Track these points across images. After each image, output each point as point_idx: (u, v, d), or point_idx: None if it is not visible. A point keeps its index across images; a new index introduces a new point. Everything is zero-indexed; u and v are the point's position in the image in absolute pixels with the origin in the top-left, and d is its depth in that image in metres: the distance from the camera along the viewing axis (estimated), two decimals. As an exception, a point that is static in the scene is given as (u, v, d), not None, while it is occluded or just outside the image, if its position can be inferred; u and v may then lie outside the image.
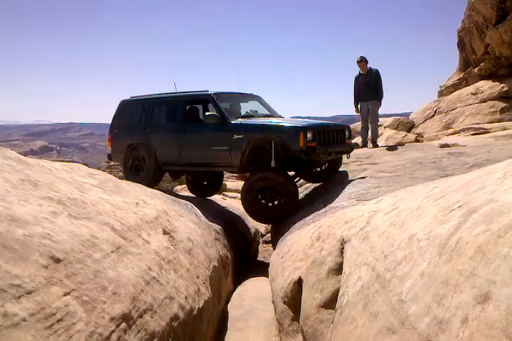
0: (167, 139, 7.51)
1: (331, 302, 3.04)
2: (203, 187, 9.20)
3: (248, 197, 6.55)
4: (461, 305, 1.30)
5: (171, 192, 10.03)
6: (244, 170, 6.77)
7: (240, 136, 6.50)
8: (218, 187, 9.60)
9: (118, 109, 8.36)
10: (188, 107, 7.55)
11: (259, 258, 8.97)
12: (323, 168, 7.55)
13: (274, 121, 6.75)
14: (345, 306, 2.49)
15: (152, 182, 7.55)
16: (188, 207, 6.25)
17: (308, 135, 6.01)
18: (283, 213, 6.33)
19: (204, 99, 7.47)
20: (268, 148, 6.38)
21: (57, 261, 1.99)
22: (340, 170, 7.62)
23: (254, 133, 6.51)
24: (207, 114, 6.77)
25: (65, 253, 2.09)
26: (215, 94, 7.17)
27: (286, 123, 6.41)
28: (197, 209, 6.53)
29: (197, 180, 9.18)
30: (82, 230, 2.48)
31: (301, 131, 6.01)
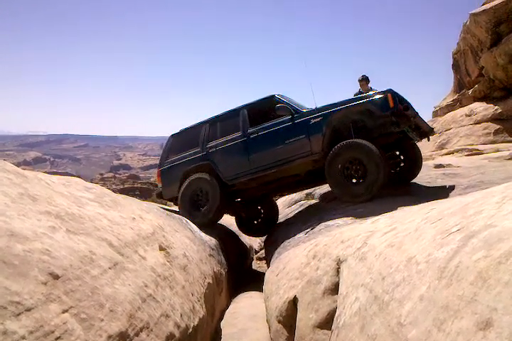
0: (231, 150, 7.03)
1: (326, 323, 3.03)
2: (257, 224, 8.73)
3: (331, 171, 5.98)
4: (462, 331, 1.31)
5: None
6: (325, 156, 6.12)
7: (318, 119, 6.26)
8: (274, 222, 8.73)
9: (168, 144, 8.00)
10: (252, 113, 7.14)
11: (253, 275, 8.92)
12: (399, 168, 7.04)
13: (344, 99, 6.37)
14: (342, 327, 2.49)
15: (216, 213, 7.05)
16: (182, 222, 6.24)
17: (396, 98, 5.81)
18: (370, 191, 5.68)
19: (268, 101, 7.02)
20: (348, 133, 6.05)
21: (56, 277, 1.98)
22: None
23: (334, 112, 6.18)
24: (278, 105, 6.52)
25: (64, 269, 2.08)
26: (278, 94, 6.98)
27: (359, 95, 6.20)
28: (192, 224, 6.52)
29: (250, 216, 8.73)
30: (80, 246, 2.48)
31: (388, 93, 5.81)
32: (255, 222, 8.76)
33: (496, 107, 14.07)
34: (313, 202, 8.40)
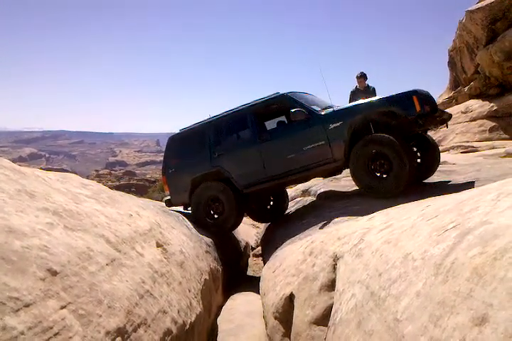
0: (243, 156, 6.66)
1: (323, 319, 3.05)
2: (268, 210, 8.47)
3: (357, 164, 5.71)
4: (458, 326, 1.33)
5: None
6: (347, 164, 5.88)
7: (337, 124, 5.83)
8: (284, 208, 8.52)
9: (168, 147, 7.57)
10: (262, 115, 6.76)
11: (249, 271, 8.93)
12: (419, 161, 6.51)
13: (365, 100, 6.01)
14: (339, 323, 2.50)
15: (236, 219, 6.89)
16: (179, 218, 6.24)
17: (422, 100, 5.47)
18: (391, 188, 5.44)
19: (278, 101, 6.62)
20: (368, 131, 5.71)
21: (54, 273, 1.99)
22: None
23: (355, 115, 5.78)
24: (293, 110, 6.05)
25: (62, 265, 2.09)
26: (289, 92, 6.55)
27: (383, 96, 5.79)
28: (188, 221, 6.52)
29: (261, 206, 8.47)
30: (78, 242, 2.48)
31: (413, 95, 5.42)
32: (267, 208, 8.51)
33: (492, 104, 14.12)
34: (309, 198, 8.41)
